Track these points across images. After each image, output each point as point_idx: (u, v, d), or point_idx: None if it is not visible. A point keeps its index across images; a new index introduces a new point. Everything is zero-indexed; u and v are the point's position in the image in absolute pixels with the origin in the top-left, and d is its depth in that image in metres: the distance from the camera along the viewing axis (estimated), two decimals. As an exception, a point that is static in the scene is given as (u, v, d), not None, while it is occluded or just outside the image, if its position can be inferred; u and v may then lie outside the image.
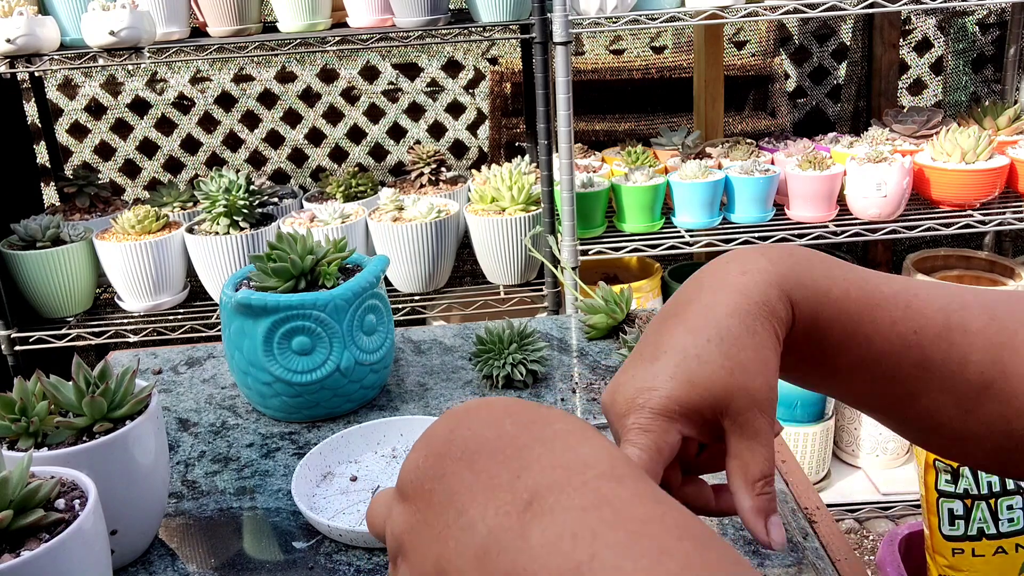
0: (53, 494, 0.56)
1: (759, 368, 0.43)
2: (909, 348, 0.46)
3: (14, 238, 1.73)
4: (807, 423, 1.87)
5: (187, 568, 0.68)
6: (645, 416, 0.44)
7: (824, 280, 0.46)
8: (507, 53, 2.52)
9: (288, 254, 0.87)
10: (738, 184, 1.74)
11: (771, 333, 0.44)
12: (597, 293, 1.02)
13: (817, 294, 0.46)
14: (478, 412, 0.38)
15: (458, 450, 0.36)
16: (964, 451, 0.49)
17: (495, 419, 0.37)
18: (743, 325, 0.44)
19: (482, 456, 0.36)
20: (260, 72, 2.49)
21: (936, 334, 0.46)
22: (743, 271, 0.46)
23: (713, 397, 0.43)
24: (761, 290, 0.45)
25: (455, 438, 0.37)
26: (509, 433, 0.36)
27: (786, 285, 0.45)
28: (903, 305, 0.47)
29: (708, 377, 0.43)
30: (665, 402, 0.43)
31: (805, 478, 0.75)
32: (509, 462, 0.35)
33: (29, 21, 1.51)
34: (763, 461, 0.44)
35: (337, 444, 0.79)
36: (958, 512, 1.33)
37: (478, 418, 0.38)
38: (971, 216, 1.74)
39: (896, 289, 0.47)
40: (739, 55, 2.51)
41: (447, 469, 0.36)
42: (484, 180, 1.79)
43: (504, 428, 0.37)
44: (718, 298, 0.45)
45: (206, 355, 1.06)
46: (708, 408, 0.43)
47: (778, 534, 0.44)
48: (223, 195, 1.65)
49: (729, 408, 0.43)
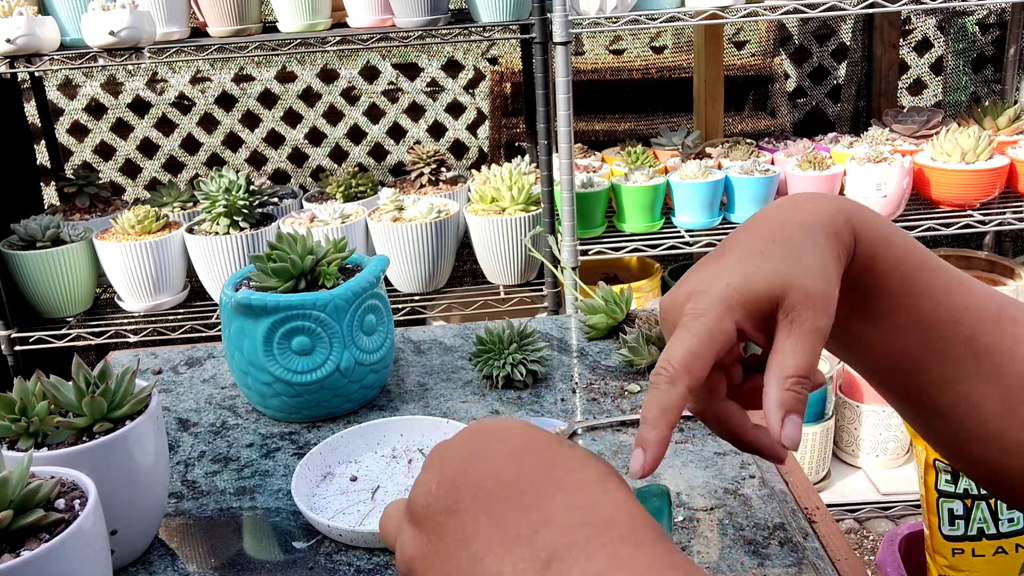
0: (53, 494, 0.56)
1: (819, 272, 0.43)
2: (960, 323, 0.46)
3: (14, 238, 1.73)
4: (807, 423, 1.87)
5: (187, 568, 0.68)
6: (704, 302, 0.43)
7: (886, 228, 0.46)
8: (507, 53, 2.52)
9: (288, 254, 0.87)
10: (738, 184, 1.74)
11: (834, 249, 0.44)
12: (597, 293, 1.02)
13: (879, 237, 0.46)
14: (498, 445, 0.37)
15: (474, 486, 0.36)
16: (1002, 463, 0.47)
17: (515, 456, 0.36)
18: (808, 236, 0.44)
19: (499, 501, 0.35)
20: (260, 72, 2.50)
21: (988, 317, 0.46)
22: (811, 198, 0.47)
23: (771, 288, 0.43)
24: (829, 215, 0.45)
25: (471, 470, 0.36)
26: (528, 477, 0.35)
27: (854, 219, 0.46)
28: (958, 280, 0.47)
29: (770, 270, 0.43)
30: (725, 289, 0.43)
31: (805, 478, 0.75)
32: (528, 512, 0.34)
33: (29, 21, 1.51)
34: (804, 357, 0.42)
35: (337, 444, 0.79)
36: (958, 512, 1.32)
37: (497, 452, 0.37)
38: (971, 216, 1.74)
39: (950, 266, 0.48)
40: (739, 55, 2.51)
41: (461, 506, 0.35)
42: (484, 180, 1.79)
43: (524, 469, 0.36)
44: (786, 215, 0.45)
45: (206, 355, 1.06)
46: (765, 299, 0.43)
47: (793, 431, 0.42)
48: (223, 195, 1.65)
49: (784, 301, 0.43)
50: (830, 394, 1.89)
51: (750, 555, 0.65)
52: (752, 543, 0.66)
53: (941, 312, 0.46)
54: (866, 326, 0.48)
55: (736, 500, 0.71)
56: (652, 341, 0.92)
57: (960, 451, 0.49)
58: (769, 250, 0.44)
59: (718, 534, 0.68)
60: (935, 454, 1.35)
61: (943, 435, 0.49)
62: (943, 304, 0.46)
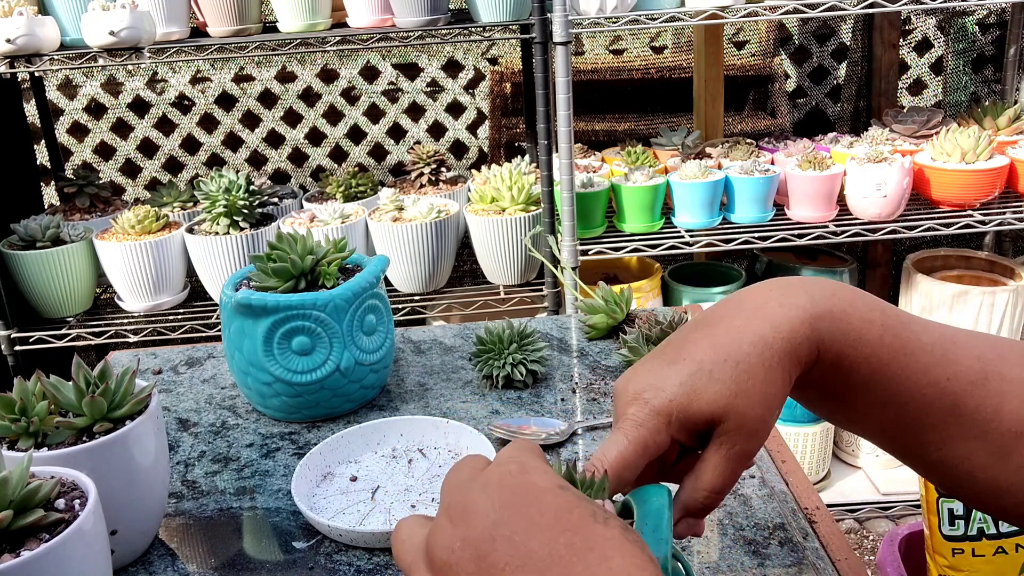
0: (53, 494, 0.56)
1: (761, 400, 0.45)
2: (942, 395, 0.47)
3: (14, 238, 1.73)
4: (807, 423, 1.87)
5: (187, 568, 0.68)
6: (644, 412, 0.45)
7: (860, 323, 0.47)
8: (507, 53, 2.52)
9: (288, 254, 0.87)
10: (738, 184, 1.74)
11: (784, 372, 0.46)
12: (597, 293, 1.02)
13: (849, 336, 0.46)
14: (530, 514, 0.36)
15: (502, 560, 0.35)
16: (1000, 503, 0.48)
17: (547, 531, 0.36)
18: (762, 357, 0.45)
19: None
20: (260, 72, 2.50)
21: (971, 381, 0.47)
22: (781, 303, 0.47)
23: (711, 412, 0.45)
24: (792, 327, 0.46)
25: (499, 537, 0.36)
26: (561, 558, 0.35)
27: (820, 324, 0.46)
28: (939, 353, 0.47)
29: (714, 393, 0.45)
30: (667, 405, 0.45)
31: (805, 478, 0.75)
32: None
33: (29, 21, 1.51)
34: (721, 478, 0.46)
35: (337, 444, 0.80)
36: (958, 512, 1.32)
37: (529, 520, 0.36)
38: (971, 216, 1.74)
39: (934, 338, 0.48)
40: (739, 55, 2.51)
41: None
42: (484, 180, 1.79)
43: (557, 548, 0.35)
44: (749, 324, 0.46)
45: (206, 355, 1.06)
46: (704, 421, 0.45)
47: (686, 530, 0.47)
48: (223, 195, 1.65)
49: (720, 425, 0.45)
50: (830, 394, 1.89)
51: (750, 555, 0.65)
52: (752, 543, 0.66)
53: (920, 390, 0.47)
54: (840, 405, 0.50)
55: (736, 500, 0.71)
56: (652, 341, 0.92)
57: (958, 493, 0.50)
58: (719, 371, 0.45)
59: (718, 534, 0.68)
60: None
61: (939, 481, 0.50)
62: (920, 383, 0.47)
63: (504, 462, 0.40)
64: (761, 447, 0.47)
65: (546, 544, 0.35)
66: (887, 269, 2.48)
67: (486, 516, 0.37)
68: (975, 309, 1.89)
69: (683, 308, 1.06)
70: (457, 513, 0.38)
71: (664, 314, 0.96)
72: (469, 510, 0.37)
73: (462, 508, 0.38)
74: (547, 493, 0.37)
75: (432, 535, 0.38)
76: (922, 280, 1.96)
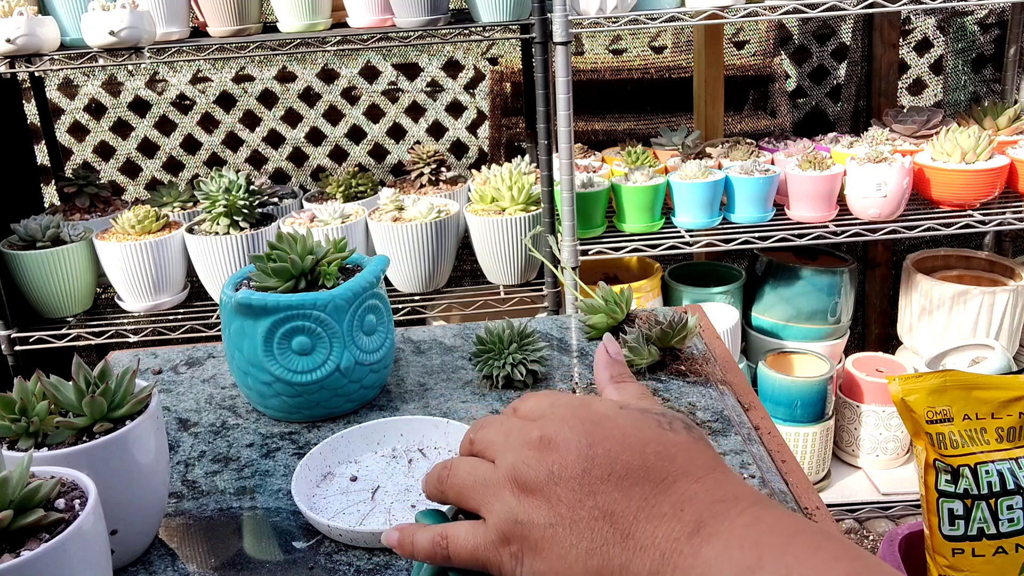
0: (53, 494, 0.56)
1: None
2: None
3: (14, 238, 1.73)
4: (807, 423, 1.87)
5: (187, 568, 0.68)
6: None
7: None
8: (507, 53, 2.52)
9: (288, 254, 0.87)
10: (738, 184, 1.74)
11: None
12: (597, 293, 1.02)
13: None
14: (610, 432, 0.42)
15: (603, 470, 0.41)
16: None
17: (634, 446, 0.42)
18: None
19: (634, 484, 0.41)
20: (260, 72, 2.50)
21: None
22: None
23: None
24: None
25: (595, 456, 0.42)
26: (655, 464, 0.41)
27: None
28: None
29: None
30: None
31: (805, 478, 0.75)
32: (665, 495, 0.40)
33: (29, 21, 1.51)
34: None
35: (337, 444, 0.79)
36: (958, 512, 1.33)
37: (614, 440, 0.42)
38: (971, 216, 1.74)
39: None
40: (739, 55, 2.51)
41: (596, 488, 0.41)
42: (484, 180, 1.79)
43: (648, 458, 0.41)
44: None
45: (206, 355, 1.06)
46: None
47: None
48: (223, 195, 1.65)
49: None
50: (830, 394, 1.89)
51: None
52: None
53: None
54: None
55: (736, 500, 0.71)
56: (652, 341, 0.92)
57: None
58: None
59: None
60: (935, 454, 1.35)
61: None
62: None
63: (557, 403, 0.46)
64: None
65: (637, 457, 0.41)
66: (887, 269, 2.48)
67: (577, 442, 0.42)
68: (975, 309, 1.89)
69: (683, 308, 1.06)
70: (543, 445, 0.43)
71: (664, 314, 0.96)
72: (557, 440, 0.43)
73: (547, 442, 0.43)
74: (616, 416, 0.43)
75: (522, 465, 0.43)
76: (922, 280, 1.96)
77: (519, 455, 0.43)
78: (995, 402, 1.35)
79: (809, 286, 1.97)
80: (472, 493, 0.45)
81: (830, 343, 2.01)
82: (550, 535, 0.41)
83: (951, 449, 1.34)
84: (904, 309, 2.05)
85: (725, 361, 0.95)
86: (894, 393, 1.37)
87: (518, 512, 0.42)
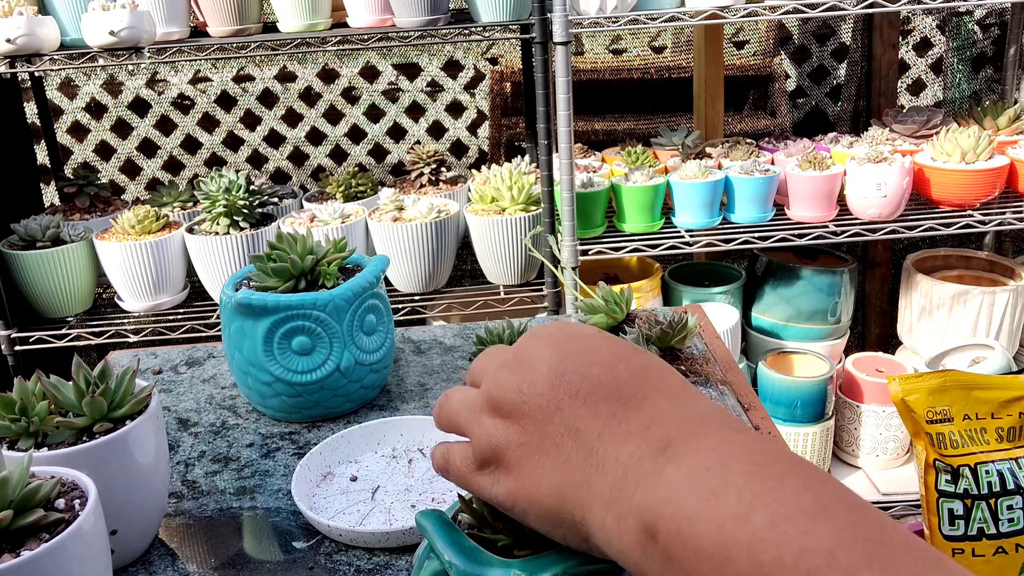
0: (53, 494, 0.56)
1: None
2: None
3: (14, 238, 1.73)
4: (807, 423, 1.87)
5: (187, 568, 0.68)
6: None
7: None
8: (507, 53, 2.52)
9: (288, 254, 0.87)
10: (738, 184, 1.74)
11: None
12: (597, 293, 1.02)
13: None
14: (583, 348, 0.42)
15: (571, 386, 0.40)
16: None
17: (605, 362, 0.41)
18: None
19: (602, 400, 0.40)
20: (260, 72, 2.50)
21: None
22: None
23: None
24: None
25: (565, 371, 0.41)
26: (626, 381, 0.40)
27: None
28: None
29: None
30: None
31: (805, 478, 0.75)
32: (634, 412, 0.39)
33: (29, 21, 1.51)
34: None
35: (337, 444, 0.79)
36: (958, 512, 1.33)
37: (585, 356, 0.42)
38: (971, 216, 1.74)
39: None
40: (739, 55, 2.51)
41: (563, 404, 0.40)
42: (484, 180, 1.79)
43: (619, 374, 0.41)
44: None
45: (206, 355, 1.06)
46: None
47: None
48: (223, 195, 1.65)
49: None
50: (830, 394, 1.89)
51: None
52: None
53: None
54: None
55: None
56: (652, 341, 0.92)
57: None
58: None
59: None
60: (935, 454, 1.35)
61: None
62: None
63: (541, 327, 0.45)
64: None
65: (608, 372, 0.41)
66: (887, 269, 2.48)
67: (549, 359, 0.42)
68: (975, 309, 1.89)
69: (683, 308, 1.06)
70: (516, 364, 0.43)
71: (664, 314, 0.96)
72: (529, 358, 0.42)
73: (519, 360, 0.43)
74: (595, 335, 0.43)
75: (495, 386, 0.42)
76: (922, 280, 1.96)
77: (495, 377, 0.43)
78: (995, 402, 1.35)
79: (809, 286, 1.97)
80: (458, 419, 0.45)
81: (830, 343, 2.01)
82: (521, 454, 0.41)
83: (951, 449, 1.34)
84: (904, 309, 2.05)
85: (725, 361, 0.95)
86: (894, 393, 1.37)
87: (492, 435, 0.42)
